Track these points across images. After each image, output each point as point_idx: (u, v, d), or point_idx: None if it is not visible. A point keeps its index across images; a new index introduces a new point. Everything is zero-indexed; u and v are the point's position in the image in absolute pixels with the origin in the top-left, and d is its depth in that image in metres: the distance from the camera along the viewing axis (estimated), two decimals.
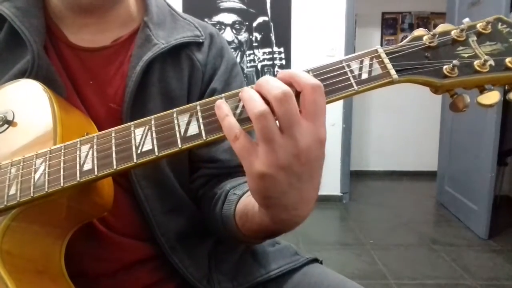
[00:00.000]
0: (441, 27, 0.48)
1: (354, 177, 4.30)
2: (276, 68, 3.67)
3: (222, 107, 0.44)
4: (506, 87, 0.48)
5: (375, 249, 2.71)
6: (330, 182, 3.79)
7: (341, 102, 3.64)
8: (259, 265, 0.72)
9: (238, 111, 0.45)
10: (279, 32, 3.64)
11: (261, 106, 0.41)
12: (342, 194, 3.83)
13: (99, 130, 0.58)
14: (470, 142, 3.10)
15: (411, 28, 4.83)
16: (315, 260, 0.76)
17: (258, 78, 3.61)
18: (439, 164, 3.83)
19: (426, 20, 4.92)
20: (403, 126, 5.01)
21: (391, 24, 4.96)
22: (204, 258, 0.69)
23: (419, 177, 4.87)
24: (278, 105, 0.41)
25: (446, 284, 2.25)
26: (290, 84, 0.43)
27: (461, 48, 0.47)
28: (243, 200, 0.59)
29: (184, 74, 0.69)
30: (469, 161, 3.11)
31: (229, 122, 0.43)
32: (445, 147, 3.66)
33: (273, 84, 0.42)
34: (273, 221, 0.48)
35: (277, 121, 0.42)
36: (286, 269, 0.72)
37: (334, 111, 3.66)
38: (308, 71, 0.46)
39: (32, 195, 0.48)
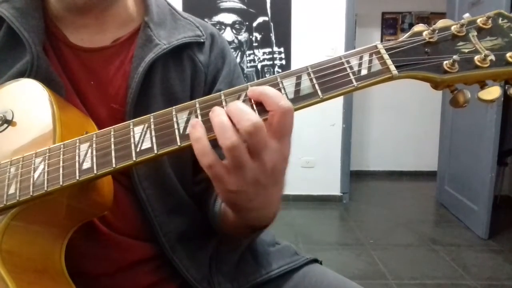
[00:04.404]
0: (441, 23, 0.48)
1: (354, 177, 4.30)
2: (276, 68, 3.68)
3: (197, 127, 0.44)
4: (506, 87, 0.48)
5: (375, 249, 2.71)
6: (330, 182, 3.80)
7: (341, 102, 3.65)
8: (259, 265, 0.72)
9: None
10: (279, 32, 3.64)
11: (232, 137, 0.42)
12: (342, 194, 3.83)
13: None
14: (470, 142, 3.10)
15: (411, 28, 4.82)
16: (315, 261, 0.76)
17: (258, 78, 3.62)
18: (439, 164, 3.83)
19: (426, 20, 4.92)
20: (403, 126, 5.01)
21: (391, 24, 4.96)
22: (205, 259, 0.69)
23: (419, 177, 4.88)
24: (249, 137, 0.42)
25: (446, 284, 2.25)
26: (260, 102, 0.45)
27: (461, 43, 0.47)
28: None
29: (186, 75, 0.69)
30: (469, 161, 3.11)
31: (203, 147, 0.44)
32: (445, 147, 3.66)
33: (243, 115, 0.43)
34: (243, 219, 0.53)
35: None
36: (286, 269, 0.72)
37: (334, 111, 3.67)
38: (307, 68, 0.46)
39: (31, 194, 0.48)
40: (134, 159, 0.46)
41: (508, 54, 0.46)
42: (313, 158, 3.77)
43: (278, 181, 0.48)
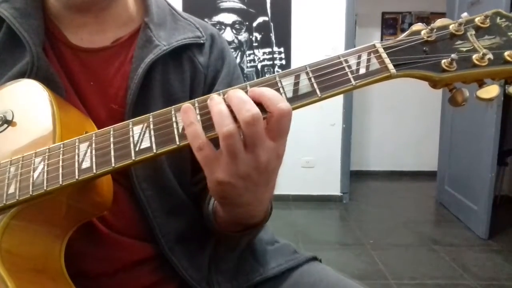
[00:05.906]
0: (439, 22, 0.48)
1: (354, 177, 4.31)
2: (276, 68, 3.68)
3: (189, 113, 0.46)
4: (506, 86, 0.48)
5: (375, 249, 2.71)
6: (330, 182, 3.80)
7: (341, 102, 3.65)
8: (258, 264, 0.72)
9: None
10: (279, 32, 3.64)
11: (229, 125, 0.43)
12: (342, 194, 3.83)
13: None
14: (470, 142, 3.10)
15: None
16: (314, 259, 0.76)
17: (258, 78, 3.63)
18: (439, 164, 3.83)
19: (426, 20, 4.91)
20: (403, 126, 5.01)
21: (391, 24, 4.96)
22: (204, 259, 0.69)
23: (419, 177, 4.87)
24: (246, 127, 0.43)
25: (446, 284, 2.25)
26: (259, 103, 0.45)
27: (459, 42, 0.48)
28: None
29: (186, 76, 0.69)
30: (469, 161, 3.11)
31: (195, 130, 0.45)
32: (445, 147, 3.66)
33: (244, 105, 0.44)
34: (228, 214, 0.54)
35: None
36: (285, 267, 0.72)
37: (334, 111, 3.67)
38: (305, 67, 0.46)
39: (31, 193, 0.48)
40: (133, 158, 0.47)
41: (506, 53, 0.46)
42: (313, 158, 3.78)
43: (270, 179, 0.48)
